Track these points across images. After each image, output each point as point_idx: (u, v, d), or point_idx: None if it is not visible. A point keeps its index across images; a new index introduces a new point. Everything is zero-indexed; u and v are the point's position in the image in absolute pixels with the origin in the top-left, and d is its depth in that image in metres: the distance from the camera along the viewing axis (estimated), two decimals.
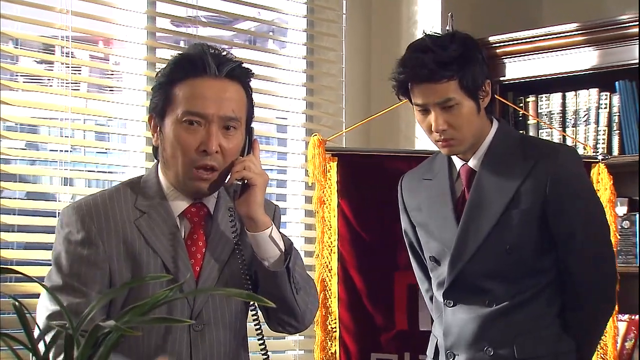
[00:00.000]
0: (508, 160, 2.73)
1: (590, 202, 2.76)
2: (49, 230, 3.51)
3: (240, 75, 2.34)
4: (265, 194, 2.35)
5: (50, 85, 3.65)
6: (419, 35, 4.33)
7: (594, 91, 4.13)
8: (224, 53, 2.33)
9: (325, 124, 4.35)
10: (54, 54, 3.59)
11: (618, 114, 4.06)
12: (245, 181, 2.30)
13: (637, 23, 3.88)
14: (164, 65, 2.38)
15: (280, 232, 2.37)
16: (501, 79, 4.28)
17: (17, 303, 1.44)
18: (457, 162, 2.80)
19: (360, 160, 3.63)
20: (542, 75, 4.21)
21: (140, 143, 3.73)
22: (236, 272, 2.34)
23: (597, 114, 4.11)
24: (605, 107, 4.09)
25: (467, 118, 2.69)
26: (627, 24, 3.95)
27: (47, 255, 3.40)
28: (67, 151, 3.41)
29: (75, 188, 3.51)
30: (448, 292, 2.77)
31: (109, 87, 3.96)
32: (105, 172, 4.00)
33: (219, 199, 2.40)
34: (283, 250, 2.33)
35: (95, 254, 2.24)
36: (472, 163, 2.77)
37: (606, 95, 4.09)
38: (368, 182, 3.61)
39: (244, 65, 2.36)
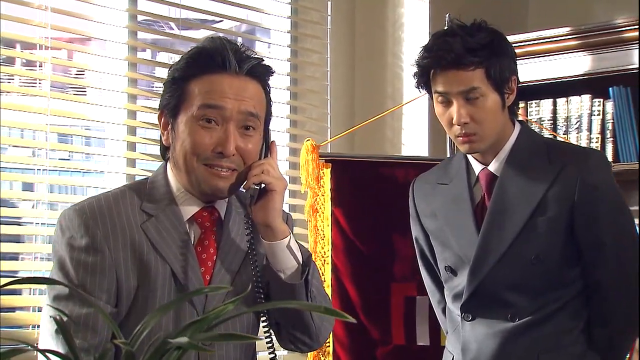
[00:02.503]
0: (533, 164, 2.58)
1: (621, 210, 2.60)
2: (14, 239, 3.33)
3: (261, 73, 2.18)
4: (284, 200, 2.19)
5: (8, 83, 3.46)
6: (405, 38, 4.26)
7: (586, 97, 4.00)
8: (244, 49, 2.17)
9: (310, 129, 4.19)
10: (32, 52, 3.38)
11: (612, 120, 3.94)
12: (263, 186, 2.13)
13: (636, 27, 3.78)
14: (176, 60, 2.21)
15: (297, 242, 2.21)
16: None
17: (58, 317, 1.28)
18: (476, 166, 2.64)
19: (355, 167, 3.49)
20: (532, 81, 4.07)
21: (121, 147, 3.53)
22: (248, 282, 2.16)
23: (590, 121, 3.98)
24: (599, 114, 3.97)
25: (491, 112, 2.53)
26: (622, 28, 3.84)
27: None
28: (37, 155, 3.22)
29: (54, 195, 3.30)
30: (466, 305, 2.60)
31: (78, 87, 3.76)
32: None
33: (229, 204, 2.23)
34: (301, 262, 2.17)
35: (102, 261, 2.06)
36: (492, 167, 2.61)
37: (599, 101, 3.97)
38: (364, 190, 3.48)
39: (265, 62, 2.19)
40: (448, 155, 3.67)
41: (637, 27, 3.74)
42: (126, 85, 3.55)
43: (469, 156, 2.65)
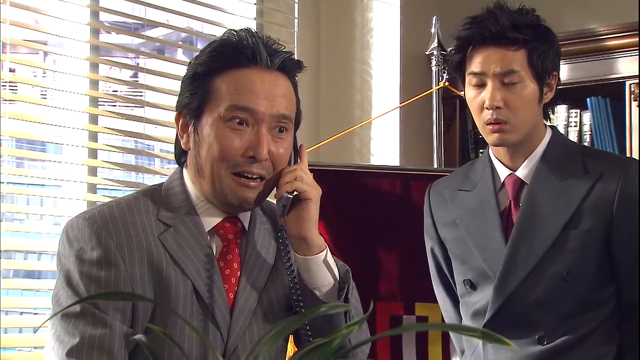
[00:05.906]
0: (566, 172, 2.38)
1: None
2: None
3: (292, 68, 1.97)
4: (319, 210, 1.97)
5: None
6: (374, 44, 4.07)
7: (562, 108, 3.88)
8: (271, 41, 1.96)
9: None
10: None
11: (589, 132, 3.82)
12: (296, 194, 1.93)
13: (617, 35, 3.67)
14: (197, 54, 1.98)
15: (334, 257, 2.00)
16: (460, 94, 3.99)
17: (143, 339, 1.07)
18: (502, 171, 2.44)
19: (338, 178, 3.26)
20: None
21: (82, 154, 3.26)
22: (276, 300, 1.98)
23: (567, 132, 3.86)
24: (575, 125, 3.85)
25: (527, 102, 2.34)
26: (602, 37, 3.72)
27: None
28: None
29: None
30: (490, 325, 2.37)
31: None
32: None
33: (253, 213, 2.01)
34: (338, 278, 1.96)
35: (116, 275, 1.83)
36: (521, 173, 2.41)
37: (576, 112, 3.86)
38: (347, 202, 3.25)
39: (294, 56, 1.99)
40: (435, 166, 3.49)
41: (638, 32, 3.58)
42: (87, 87, 3.29)
43: (494, 160, 2.46)
